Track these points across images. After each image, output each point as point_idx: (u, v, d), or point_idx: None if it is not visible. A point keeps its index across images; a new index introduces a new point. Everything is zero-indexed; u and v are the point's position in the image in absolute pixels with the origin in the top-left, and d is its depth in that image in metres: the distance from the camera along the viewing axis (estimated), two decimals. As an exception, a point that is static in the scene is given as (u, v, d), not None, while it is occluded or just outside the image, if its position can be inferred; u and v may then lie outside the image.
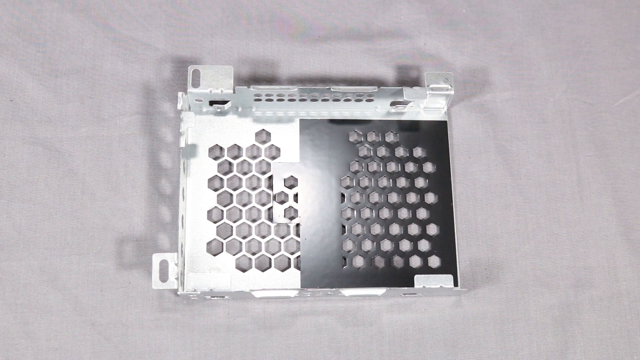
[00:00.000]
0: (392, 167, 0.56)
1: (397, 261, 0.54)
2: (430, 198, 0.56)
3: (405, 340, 0.54)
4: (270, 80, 0.58)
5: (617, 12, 0.62)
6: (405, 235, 0.54)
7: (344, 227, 0.54)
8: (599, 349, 0.54)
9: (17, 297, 0.53)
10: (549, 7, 0.61)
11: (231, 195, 0.54)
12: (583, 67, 0.60)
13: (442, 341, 0.54)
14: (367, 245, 0.54)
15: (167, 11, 0.60)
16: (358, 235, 0.54)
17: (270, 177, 0.55)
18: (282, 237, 0.54)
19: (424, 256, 0.54)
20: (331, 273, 0.53)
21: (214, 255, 0.53)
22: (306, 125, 0.56)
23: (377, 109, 0.57)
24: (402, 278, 0.53)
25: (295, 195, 0.55)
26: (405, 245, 0.54)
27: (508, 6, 0.61)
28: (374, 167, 0.56)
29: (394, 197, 0.55)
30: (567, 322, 0.54)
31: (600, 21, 0.61)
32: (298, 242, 0.54)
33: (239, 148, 0.55)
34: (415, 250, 0.54)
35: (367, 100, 0.55)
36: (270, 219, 0.54)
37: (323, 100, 0.55)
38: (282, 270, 0.53)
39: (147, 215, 0.55)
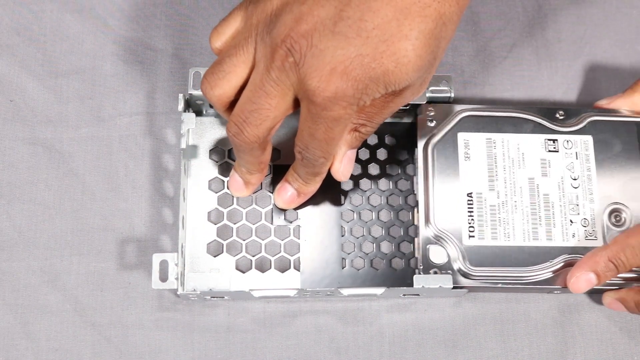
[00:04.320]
0: (393, 169, 0.56)
1: (397, 263, 0.54)
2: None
3: (405, 341, 0.54)
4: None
5: (617, 13, 0.62)
6: (405, 236, 0.54)
7: (343, 228, 0.54)
8: (599, 349, 0.54)
9: (17, 298, 0.53)
10: (549, 8, 0.61)
11: (232, 196, 0.54)
12: (583, 68, 0.60)
13: (442, 342, 0.54)
14: (367, 246, 0.54)
15: (167, 11, 0.60)
16: (358, 237, 0.54)
17: (271, 179, 0.55)
18: (282, 239, 0.54)
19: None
20: (331, 274, 0.53)
21: (214, 256, 0.53)
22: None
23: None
24: (401, 279, 0.53)
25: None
26: (406, 247, 0.54)
27: (508, 7, 0.61)
28: (374, 169, 0.56)
29: (394, 199, 0.55)
30: (567, 322, 0.54)
31: (600, 21, 0.61)
32: (298, 244, 0.54)
33: (240, 149, 0.55)
34: (415, 252, 0.54)
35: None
36: (271, 220, 0.54)
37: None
38: (282, 272, 0.53)
39: (147, 216, 0.55)
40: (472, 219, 0.52)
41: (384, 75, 0.41)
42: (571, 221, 0.53)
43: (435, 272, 0.51)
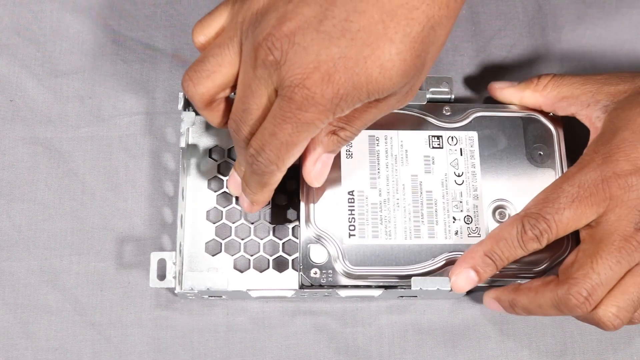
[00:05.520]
0: None
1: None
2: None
3: (404, 341, 0.54)
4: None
5: (617, 13, 0.62)
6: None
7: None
8: (598, 349, 0.54)
9: (17, 297, 0.53)
10: (549, 7, 0.61)
11: (231, 196, 0.54)
12: (583, 68, 0.60)
13: (442, 342, 0.54)
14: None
15: (167, 11, 0.60)
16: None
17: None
18: (281, 239, 0.54)
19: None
20: (330, 274, 0.53)
21: (213, 255, 0.53)
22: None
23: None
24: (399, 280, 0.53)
25: (295, 197, 0.55)
26: None
27: (508, 7, 0.61)
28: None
29: None
30: (566, 322, 0.54)
31: (601, 21, 0.61)
32: (296, 243, 0.54)
33: (239, 149, 0.55)
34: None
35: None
36: (269, 220, 0.54)
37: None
38: (280, 272, 0.53)
39: (147, 216, 0.55)
40: (353, 218, 0.52)
41: (367, 84, 0.40)
42: (454, 218, 0.52)
43: (316, 272, 0.51)
